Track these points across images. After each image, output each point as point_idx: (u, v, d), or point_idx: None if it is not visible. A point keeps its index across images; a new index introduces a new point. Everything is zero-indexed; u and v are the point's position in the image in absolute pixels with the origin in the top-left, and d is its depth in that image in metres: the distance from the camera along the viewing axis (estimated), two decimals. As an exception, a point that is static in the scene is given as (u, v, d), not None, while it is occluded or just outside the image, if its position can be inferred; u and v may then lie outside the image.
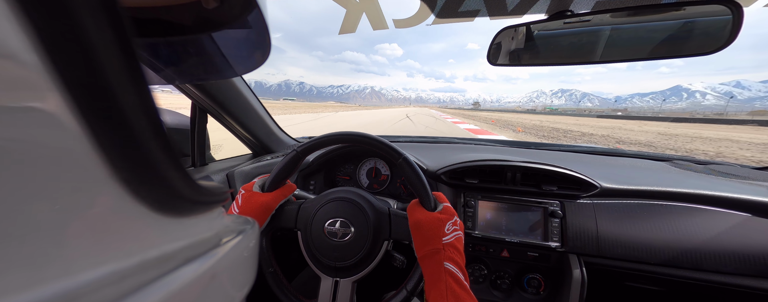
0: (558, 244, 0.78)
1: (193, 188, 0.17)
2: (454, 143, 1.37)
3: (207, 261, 0.17)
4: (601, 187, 0.79)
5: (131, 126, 0.13)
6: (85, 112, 0.11)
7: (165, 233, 0.16)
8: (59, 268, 0.11)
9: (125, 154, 0.13)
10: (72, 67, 0.11)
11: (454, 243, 0.51)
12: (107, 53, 0.11)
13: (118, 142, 0.13)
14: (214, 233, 0.20)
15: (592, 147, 1.29)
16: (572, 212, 0.79)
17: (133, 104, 0.13)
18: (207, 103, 0.89)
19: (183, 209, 0.17)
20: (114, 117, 0.12)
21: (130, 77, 0.12)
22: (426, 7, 0.65)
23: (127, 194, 0.13)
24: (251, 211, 0.56)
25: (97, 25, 0.11)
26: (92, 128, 0.11)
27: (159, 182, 0.15)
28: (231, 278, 0.20)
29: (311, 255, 0.62)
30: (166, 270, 0.15)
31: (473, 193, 0.88)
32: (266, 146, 1.17)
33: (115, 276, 0.13)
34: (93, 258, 0.12)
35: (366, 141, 0.61)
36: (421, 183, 0.57)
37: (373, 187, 1.12)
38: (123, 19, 0.12)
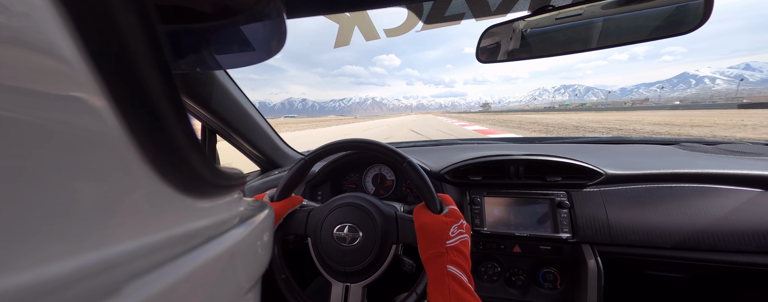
0: (569, 235, 0.77)
1: (214, 172, 0.18)
2: (456, 144, 1.39)
3: (227, 240, 0.18)
4: (607, 174, 0.79)
5: (158, 112, 0.14)
6: (118, 99, 0.12)
7: (189, 212, 0.17)
8: (97, 240, 0.12)
9: (153, 138, 0.14)
10: (105, 56, 0.12)
11: (458, 246, 0.50)
12: (136, 41, 0.12)
13: (147, 127, 0.14)
14: (232, 214, 0.21)
15: (597, 137, 1.28)
16: (580, 201, 0.79)
17: (159, 91, 0.14)
18: (215, 123, 0.94)
19: (205, 191, 0.18)
20: (143, 104, 0.13)
21: (156, 64, 0.13)
22: (413, 15, 0.69)
23: (155, 175, 0.14)
24: None
25: (126, 14, 0.12)
26: (124, 114, 0.13)
27: (184, 165, 0.16)
28: (248, 258, 0.21)
29: (321, 261, 0.63)
30: (190, 246, 0.16)
31: (478, 190, 0.89)
32: (273, 162, 1.20)
33: (146, 250, 0.14)
34: (126, 232, 0.13)
35: (371, 147, 0.62)
36: (426, 186, 0.58)
37: (380, 193, 1.13)
38: (149, 8, 0.13)
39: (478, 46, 0.67)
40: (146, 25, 0.13)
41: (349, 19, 0.72)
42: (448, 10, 0.66)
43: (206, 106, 0.85)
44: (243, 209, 0.23)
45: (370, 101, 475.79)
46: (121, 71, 0.12)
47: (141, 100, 0.13)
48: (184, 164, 0.16)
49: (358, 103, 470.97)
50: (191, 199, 0.17)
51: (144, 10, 0.13)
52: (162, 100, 0.14)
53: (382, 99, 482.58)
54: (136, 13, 0.12)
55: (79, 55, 0.11)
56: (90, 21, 0.11)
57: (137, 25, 0.12)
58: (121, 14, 0.12)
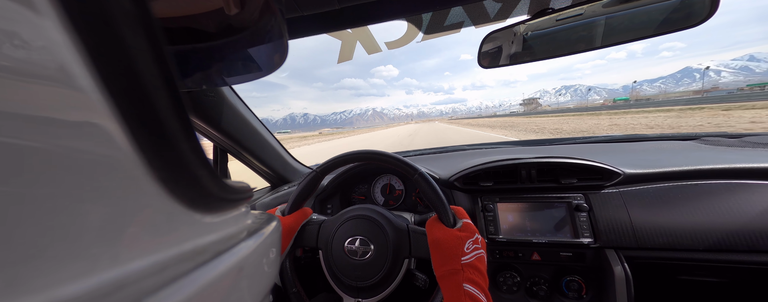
0: (591, 240, 0.74)
1: (221, 186, 0.19)
2: (464, 150, 1.37)
3: (236, 255, 0.18)
4: (625, 173, 0.76)
5: (166, 130, 0.14)
6: (128, 120, 0.13)
7: (198, 228, 0.17)
8: (109, 260, 0.12)
9: (162, 156, 0.14)
10: (116, 80, 0.12)
11: (474, 263, 0.48)
12: (144, 63, 0.13)
13: (155, 146, 0.14)
14: (240, 228, 0.21)
15: (609, 136, 1.24)
16: (599, 203, 0.75)
17: (167, 110, 0.14)
18: (226, 143, 0.96)
19: (213, 206, 0.18)
20: (152, 123, 0.14)
21: (164, 83, 0.14)
22: (413, 27, 0.70)
23: (164, 192, 0.15)
24: None
25: (135, 36, 0.12)
26: (134, 134, 0.13)
27: (191, 181, 0.16)
28: (257, 271, 0.21)
29: (333, 275, 0.62)
30: (200, 261, 0.16)
31: (490, 196, 0.87)
32: (283, 177, 1.21)
33: (157, 267, 0.14)
34: (137, 251, 0.13)
35: (381, 159, 0.62)
36: (438, 199, 0.56)
37: (389, 203, 1.12)
38: (157, 30, 0.13)
39: (480, 51, 0.67)
40: (155, 48, 0.13)
41: (350, 35, 0.74)
42: (447, 19, 0.67)
43: (216, 126, 0.88)
44: (250, 223, 0.24)
45: (370, 111, 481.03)
46: (131, 93, 0.13)
47: (150, 119, 0.14)
48: (193, 180, 0.16)
49: (358, 114, 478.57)
50: (200, 214, 0.17)
51: (153, 34, 0.13)
52: (170, 118, 0.14)
53: (383, 109, 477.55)
54: (146, 36, 0.13)
55: (92, 81, 0.11)
56: (102, 46, 0.12)
57: (146, 48, 0.13)
58: (131, 38, 0.12)
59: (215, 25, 0.37)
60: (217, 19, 0.36)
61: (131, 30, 0.12)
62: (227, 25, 0.37)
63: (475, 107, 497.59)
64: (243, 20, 0.36)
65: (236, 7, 0.34)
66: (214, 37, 0.38)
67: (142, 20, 0.13)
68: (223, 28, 0.37)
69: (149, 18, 0.13)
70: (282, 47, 0.41)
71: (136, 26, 0.12)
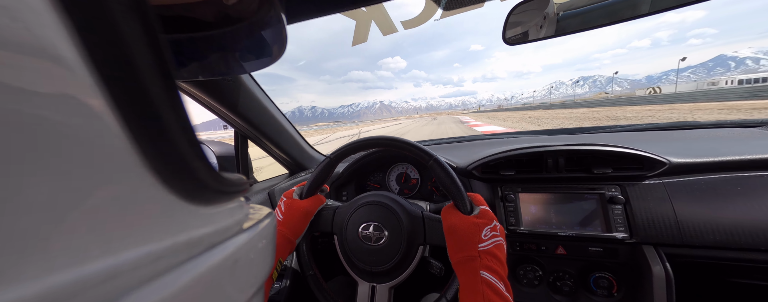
0: (625, 235, 0.67)
1: (216, 178, 0.18)
2: (484, 139, 1.31)
3: (230, 247, 0.18)
4: (671, 163, 0.67)
5: (161, 119, 0.14)
6: (121, 107, 0.12)
7: (192, 219, 0.17)
8: (102, 249, 0.12)
9: (157, 146, 0.14)
10: (108, 63, 0.12)
11: (492, 250, 0.47)
12: (138, 50, 0.12)
13: (150, 134, 0.14)
14: (235, 220, 0.21)
15: (654, 124, 1.11)
16: (637, 195, 0.68)
17: (162, 98, 0.14)
18: (247, 129, 0.99)
19: (208, 198, 0.18)
20: (146, 111, 0.14)
21: (159, 72, 0.13)
22: (432, 3, 0.66)
23: (158, 183, 0.15)
24: (294, 217, 0.59)
25: (128, 23, 0.12)
26: (128, 122, 0.13)
27: (187, 172, 0.16)
28: (252, 263, 0.21)
29: (347, 260, 0.63)
30: (194, 253, 0.16)
31: (511, 186, 0.82)
32: (300, 164, 1.24)
33: (151, 257, 0.14)
34: (130, 240, 0.13)
35: (396, 144, 0.61)
36: (454, 185, 0.54)
37: (404, 192, 1.10)
38: (151, 17, 0.13)
39: (505, 26, 0.61)
40: (149, 34, 0.13)
41: (365, 14, 0.71)
42: (469, -8, 0.61)
43: (236, 111, 0.90)
44: (246, 215, 0.23)
45: (378, 104, 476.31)
46: (125, 80, 0.12)
47: (144, 108, 0.13)
48: (188, 172, 0.16)
49: (366, 107, 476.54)
50: (194, 206, 0.17)
51: (147, 19, 0.13)
52: (165, 108, 0.14)
53: (390, 102, 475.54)
54: (140, 21, 0.12)
55: (81, 62, 0.11)
56: (93, 28, 0.11)
57: (140, 34, 0.13)
58: (125, 23, 0.12)
59: (212, 14, 0.36)
60: (215, 8, 0.35)
61: (123, 15, 0.12)
62: (225, 15, 0.36)
63: (485, 100, 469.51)
64: (241, 10, 0.36)
65: None
66: (211, 26, 0.37)
67: (135, 5, 0.12)
68: (220, 17, 0.36)
69: (143, 4, 0.13)
70: (281, 37, 0.40)
71: (129, 11, 0.12)
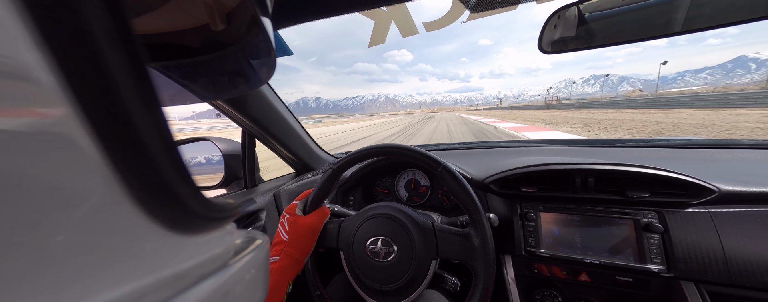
0: (662, 267, 0.60)
1: (205, 205, 0.17)
2: (500, 147, 1.24)
3: (219, 278, 0.18)
4: (721, 191, 0.60)
5: (146, 147, 0.13)
6: (101, 133, 0.12)
7: (179, 251, 0.16)
8: (80, 291, 0.11)
9: (141, 175, 0.13)
10: (87, 89, 0.11)
11: None
12: (122, 79, 0.12)
13: (132, 162, 0.13)
14: (224, 249, 0.20)
15: (690, 139, 1.02)
16: (678, 224, 0.61)
17: (147, 125, 0.13)
18: (254, 129, 0.96)
19: (196, 227, 0.17)
20: (128, 137, 0.13)
21: (143, 100, 0.13)
22: (459, 4, 0.60)
23: (142, 214, 0.14)
24: (300, 235, 0.55)
25: (112, 49, 0.11)
26: (108, 149, 0.12)
27: (173, 201, 0.15)
28: (243, 295, 0.20)
29: (356, 278, 0.59)
30: (180, 288, 0.15)
31: (532, 203, 0.76)
32: (307, 165, 1.21)
33: (132, 297, 0.13)
34: (111, 279, 0.12)
35: (401, 152, 0.57)
36: (466, 194, 0.51)
37: (413, 200, 1.06)
38: (136, 44, 0.12)
39: (542, 34, 0.55)
40: (133, 63, 0.12)
41: (385, 14, 0.66)
42: (502, -7, 0.56)
43: (244, 111, 0.87)
44: (236, 242, 0.22)
45: (382, 98, 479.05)
46: (106, 108, 0.12)
47: (130, 138, 0.13)
48: (174, 200, 0.15)
49: (371, 100, 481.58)
50: (181, 236, 0.16)
51: (132, 48, 0.12)
52: (150, 134, 0.13)
53: (395, 96, 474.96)
54: (124, 50, 0.12)
55: (61, 92, 0.10)
56: (75, 58, 0.11)
57: (124, 63, 0.12)
58: (109, 52, 0.11)
59: (200, 40, 0.36)
60: (203, 34, 0.36)
61: (108, 43, 0.11)
62: (213, 41, 0.37)
63: (492, 96, 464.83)
64: (230, 35, 0.36)
65: (222, 23, 0.33)
66: (200, 52, 0.38)
67: (119, 35, 0.12)
68: (209, 43, 0.37)
69: (122, 19, 0.12)
70: (270, 62, 0.41)
71: (113, 40, 0.12)
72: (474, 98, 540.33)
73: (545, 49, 0.56)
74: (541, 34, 0.55)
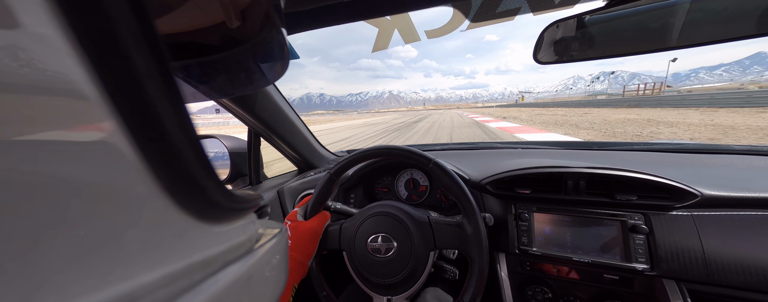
0: (646, 266, 0.64)
1: (227, 196, 0.19)
2: (497, 148, 1.27)
3: (244, 264, 0.19)
4: (703, 195, 0.63)
5: (173, 143, 0.14)
6: (136, 135, 0.13)
7: (206, 238, 0.17)
8: (121, 273, 0.12)
9: (170, 169, 0.15)
10: (124, 99, 0.12)
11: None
12: (151, 79, 0.13)
13: (163, 158, 0.14)
14: (247, 237, 0.21)
15: (681, 143, 1.05)
16: (662, 226, 0.65)
17: (173, 121, 0.14)
18: (260, 127, 0.99)
19: (220, 217, 0.18)
20: (159, 136, 0.14)
21: (169, 99, 0.14)
22: (459, 14, 0.63)
23: (172, 204, 0.15)
24: (302, 239, 0.58)
25: (142, 56, 0.13)
26: (142, 148, 0.13)
27: (199, 192, 0.16)
28: (265, 280, 0.22)
29: (359, 275, 0.62)
30: (209, 272, 0.16)
31: (526, 204, 0.79)
32: (310, 163, 1.24)
33: (168, 279, 0.14)
34: (148, 264, 0.14)
35: (395, 153, 0.61)
36: (459, 189, 0.54)
37: (412, 198, 1.09)
38: (162, 48, 0.13)
39: (538, 45, 0.58)
40: (160, 64, 0.13)
41: (388, 22, 0.69)
42: (500, 5, 0.58)
43: (250, 110, 0.90)
44: (257, 231, 0.24)
45: (386, 94, 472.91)
46: (138, 108, 0.13)
47: (156, 131, 0.14)
48: (200, 191, 0.17)
49: (374, 96, 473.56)
50: (208, 225, 0.17)
51: (158, 50, 0.13)
52: (177, 131, 0.14)
53: (399, 92, 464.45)
54: (151, 53, 0.13)
55: (99, 97, 0.11)
56: (109, 62, 0.12)
57: (152, 65, 0.13)
58: (138, 56, 0.12)
59: (217, 38, 0.37)
60: (219, 32, 0.37)
61: (133, 40, 0.12)
62: (229, 39, 0.38)
63: (498, 93, 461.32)
64: (245, 32, 0.37)
65: (238, 20, 0.34)
66: (217, 50, 0.39)
67: (143, 31, 0.13)
68: (224, 41, 0.38)
69: (151, 29, 0.13)
70: (284, 57, 0.42)
71: (142, 43, 0.13)
72: (479, 95, 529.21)
73: (541, 60, 0.59)
74: (537, 45, 0.58)
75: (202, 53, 0.38)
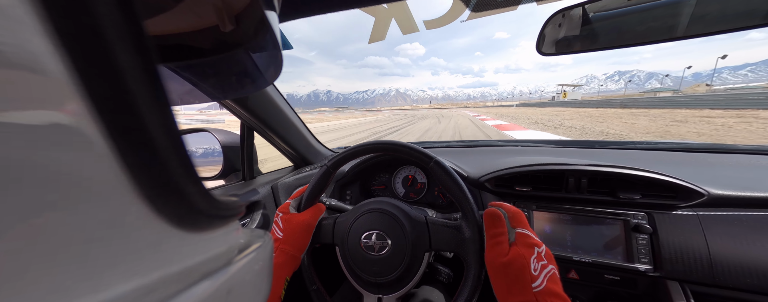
0: (649, 267, 0.62)
1: (210, 202, 0.18)
2: (497, 147, 1.25)
3: (224, 275, 0.18)
4: (710, 194, 0.61)
5: (155, 145, 0.13)
6: (111, 131, 0.12)
7: (185, 248, 0.16)
8: (90, 285, 0.11)
9: (150, 172, 0.14)
10: (100, 87, 0.11)
11: (549, 287, 0.39)
12: (133, 74, 0.12)
13: (141, 159, 0.13)
14: (229, 246, 0.20)
15: (685, 143, 1.03)
16: (666, 226, 0.63)
17: (156, 124, 0.13)
18: (253, 121, 0.97)
19: (201, 224, 0.18)
20: (138, 135, 0.13)
21: (154, 99, 0.13)
22: (459, 3, 0.60)
23: (151, 211, 0.14)
24: (295, 232, 0.56)
25: (124, 49, 0.12)
26: (118, 146, 0.12)
27: (180, 198, 0.15)
28: (246, 292, 0.20)
29: (351, 271, 0.60)
30: (186, 284, 0.15)
31: (526, 202, 0.77)
32: (305, 159, 1.22)
33: (141, 291, 0.13)
34: (119, 274, 0.13)
35: (394, 148, 0.58)
36: (459, 189, 0.52)
37: (410, 196, 1.07)
38: (148, 44, 0.13)
39: (541, 35, 0.55)
40: (145, 63, 0.13)
41: (385, 11, 0.66)
42: (503, -7, 0.56)
43: (244, 104, 0.87)
44: (240, 240, 0.22)
45: (393, 92, 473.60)
46: (118, 106, 0.12)
47: (139, 136, 0.13)
48: (182, 197, 0.15)
49: (381, 94, 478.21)
50: (188, 233, 0.16)
51: (143, 48, 0.13)
52: (158, 128, 0.13)
53: (406, 90, 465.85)
54: (136, 50, 0.12)
55: (74, 90, 0.11)
56: (89, 57, 0.11)
57: (136, 63, 0.12)
58: (121, 52, 0.12)
59: (210, 41, 0.37)
60: (212, 36, 0.36)
61: (120, 44, 0.12)
62: (222, 42, 0.37)
63: (507, 92, 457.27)
64: (238, 37, 0.36)
65: (231, 24, 0.34)
66: (209, 53, 0.38)
67: (131, 36, 0.12)
68: (217, 44, 0.37)
69: (139, 30, 0.12)
70: (277, 62, 0.41)
71: (126, 41, 0.12)
72: (487, 94, 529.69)
73: (545, 51, 0.56)
74: (541, 35, 0.56)
75: (196, 55, 0.37)
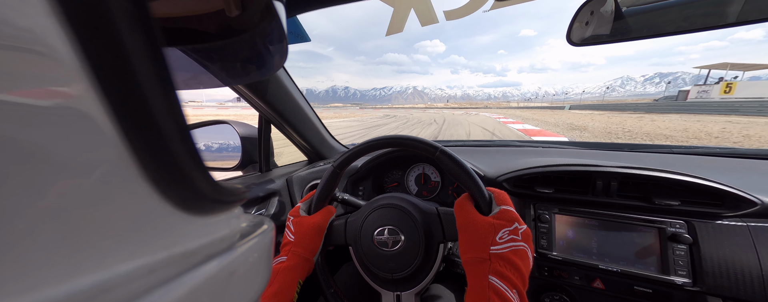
0: (687, 281, 0.56)
1: (214, 188, 0.18)
2: (516, 147, 1.19)
3: (226, 259, 0.18)
4: (764, 203, 0.54)
5: (160, 128, 0.14)
6: (117, 112, 0.12)
7: (188, 230, 0.17)
8: (94, 262, 0.12)
9: (155, 155, 0.14)
10: (108, 72, 0.12)
11: (508, 255, 0.42)
12: (139, 59, 0.12)
13: (148, 144, 0.13)
14: (232, 231, 0.21)
15: (730, 148, 0.92)
16: (709, 236, 0.57)
17: (162, 107, 0.13)
18: (270, 114, 0.99)
19: (205, 208, 0.18)
20: (145, 120, 0.13)
21: (159, 82, 0.13)
22: (483, -9, 0.57)
23: (155, 193, 0.14)
24: (306, 235, 0.56)
25: (131, 32, 0.12)
26: (125, 130, 0.12)
27: (184, 182, 0.16)
28: (248, 275, 0.21)
29: (366, 270, 0.60)
30: (189, 265, 0.16)
31: (547, 205, 0.73)
32: (320, 153, 1.23)
33: (144, 270, 0.14)
34: (124, 253, 0.13)
35: (398, 142, 0.57)
36: (468, 176, 0.49)
37: (423, 194, 1.05)
38: (154, 27, 0.13)
39: (572, 24, 0.51)
40: (151, 44, 0.13)
41: (405, 1, 0.64)
42: (530, -21, 0.52)
43: (262, 96, 0.89)
44: (243, 226, 0.23)
45: (411, 89, 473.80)
46: (124, 88, 0.12)
47: (143, 116, 0.13)
48: (186, 181, 0.16)
49: (398, 92, 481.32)
50: (191, 216, 0.17)
51: (149, 30, 0.13)
52: (165, 116, 0.14)
53: (424, 88, 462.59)
54: (142, 32, 0.12)
55: (81, 71, 0.11)
56: (95, 38, 0.11)
57: (142, 44, 0.12)
58: (127, 33, 0.12)
59: (215, 26, 0.37)
60: (218, 20, 0.36)
61: (126, 25, 0.12)
62: (227, 27, 0.37)
63: (531, 93, 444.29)
64: (244, 22, 0.36)
65: (237, 9, 0.34)
66: (215, 37, 0.38)
67: (137, 17, 0.12)
68: (223, 29, 0.37)
69: (144, 12, 0.13)
70: (282, 49, 0.41)
71: (132, 21, 0.12)
72: (510, 94, 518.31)
73: (575, 41, 0.52)
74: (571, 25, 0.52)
75: (203, 39, 0.38)
